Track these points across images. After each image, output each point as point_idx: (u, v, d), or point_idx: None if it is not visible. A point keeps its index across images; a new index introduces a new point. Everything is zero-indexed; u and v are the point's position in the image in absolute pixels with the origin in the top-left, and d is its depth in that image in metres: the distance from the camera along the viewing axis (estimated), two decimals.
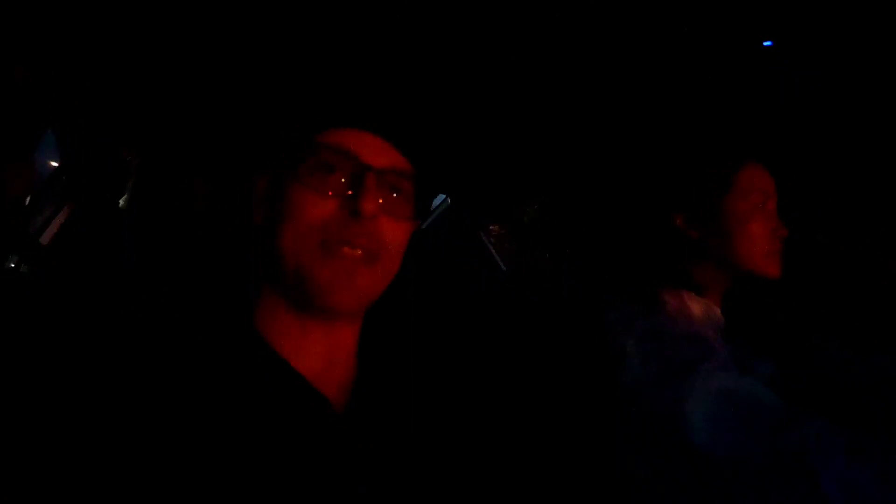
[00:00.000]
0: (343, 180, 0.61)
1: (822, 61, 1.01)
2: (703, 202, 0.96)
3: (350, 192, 0.61)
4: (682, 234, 0.98)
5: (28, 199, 1.25)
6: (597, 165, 1.71)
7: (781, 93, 1.13)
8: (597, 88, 1.29)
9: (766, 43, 1.00)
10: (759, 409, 0.79)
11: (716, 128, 1.26)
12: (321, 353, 0.63)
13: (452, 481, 0.66)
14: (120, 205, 1.37)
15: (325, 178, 0.61)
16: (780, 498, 0.73)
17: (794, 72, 1.04)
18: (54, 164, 1.46)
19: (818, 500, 0.70)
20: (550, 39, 1.10)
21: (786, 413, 0.78)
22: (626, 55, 1.11)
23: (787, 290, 1.06)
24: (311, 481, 0.56)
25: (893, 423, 0.84)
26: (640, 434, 0.89)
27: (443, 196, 2.42)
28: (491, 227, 2.54)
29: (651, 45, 1.05)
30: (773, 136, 1.20)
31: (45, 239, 1.17)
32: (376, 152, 0.62)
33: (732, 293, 0.99)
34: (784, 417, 0.77)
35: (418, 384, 0.71)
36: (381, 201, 0.62)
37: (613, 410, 0.94)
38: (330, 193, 0.60)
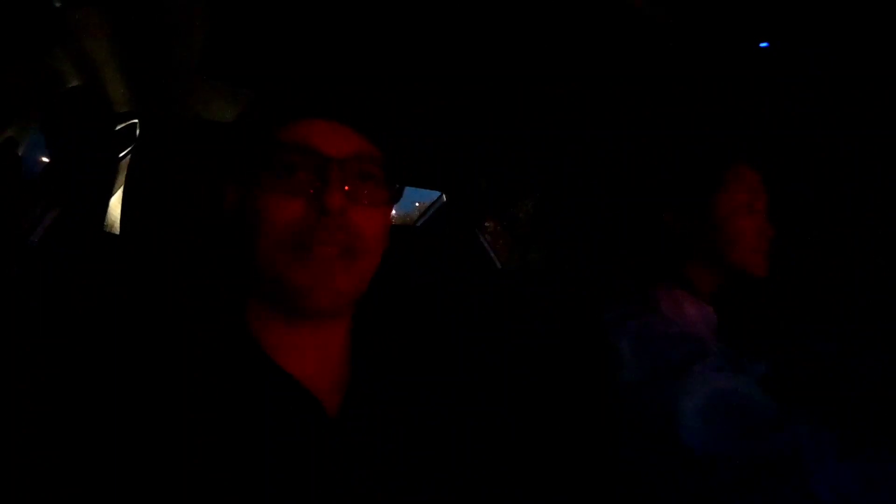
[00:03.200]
0: (307, 178, 0.60)
1: (817, 61, 1.01)
2: (691, 200, 0.97)
3: (316, 188, 0.59)
4: (672, 231, 0.99)
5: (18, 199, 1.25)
6: (592, 162, 1.71)
7: (776, 91, 1.13)
8: (590, 84, 1.29)
9: (763, 44, 1.00)
10: (752, 410, 0.80)
11: (707, 127, 1.26)
12: (312, 353, 0.63)
13: (446, 481, 0.66)
14: (110, 205, 1.37)
15: (288, 179, 0.59)
16: (771, 498, 0.73)
17: (789, 72, 1.04)
18: (45, 159, 1.45)
19: (809, 501, 0.70)
20: (541, 33, 1.09)
21: (777, 413, 0.78)
22: (619, 52, 1.10)
23: (781, 289, 1.06)
24: (303, 482, 0.56)
25: (885, 423, 0.84)
26: (635, 433, 0.89)
27: (438, 193, 2.41)
28: (486, 224, 2.54)
29: (645, 42, 1.05)
30: (768, 134, 1.20)
31: (34, 239, 1.16)
32: (338, 141, 0.60)
33: (726, 292, 1.00)
34: (776, 418, 0.78)
35: (411, 383, 0.71)
36: (348, 192, 0.60)
37: (611, 409, 0.95)
38: (295, 193, 0.59)
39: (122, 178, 1.40)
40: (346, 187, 0.60)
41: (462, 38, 1.11)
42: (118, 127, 1.39)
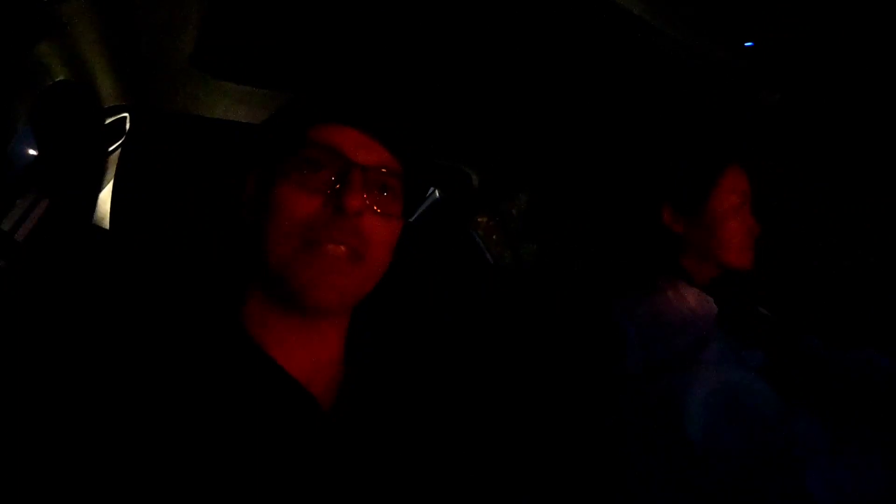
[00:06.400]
0: (329, 177, 0.61)
1: (817, 61, 1.02)
2: (689, 200, 1.02)
3: (335, 189, 0.61)
4: (668, 227, 1.03)
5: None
6: (586, 156, 1.71)
7: (774, 93, 1.14)
8: (582, 80, 1.29)
9: (748, 44, 1.02)
10: (755, 403, 0.81)
11: (703, 128, 1.28)
12: (308, 351, 0.64)
13: (442, 478, 0.66)
14: (99, 199, 1.35)
15: (311, 174, 0.61)
16: (766, 492, 0.74)
17: (789, 71, 1.05)
18: (32, 152, 1.42)
19: (803, 496, 0.71)
20: (542, 35, 1.09)
21: (778, 408, 0.80)
22: (618, 54, 1.11)
23: (773, 282, 1.09)
24: (298, 479, 0.56)
25: (874, 416, 0.85)
26: (637, 421, 0.90)
27: (431, 188, 2.40)
28: (479, 219, 2.53)
29: (641, 48, 1.05)
30: (765, 134, 1.21)
31: (20, 235, 1.14)
32: (364, 149, 0.62)
33: (721, 283, 1.03)
34: (776, 412, 0.79)
35: (406, 380, 0.72)
36: (366, 198, 0.62)
37: (601, 403, 0.95)
38: (315, 190, 0.61)
39: (111, 172, 1.38)
40: (365, 193, 0.62)
41: (456, 37, 1.10)
42: (108, 121, 1.37)
